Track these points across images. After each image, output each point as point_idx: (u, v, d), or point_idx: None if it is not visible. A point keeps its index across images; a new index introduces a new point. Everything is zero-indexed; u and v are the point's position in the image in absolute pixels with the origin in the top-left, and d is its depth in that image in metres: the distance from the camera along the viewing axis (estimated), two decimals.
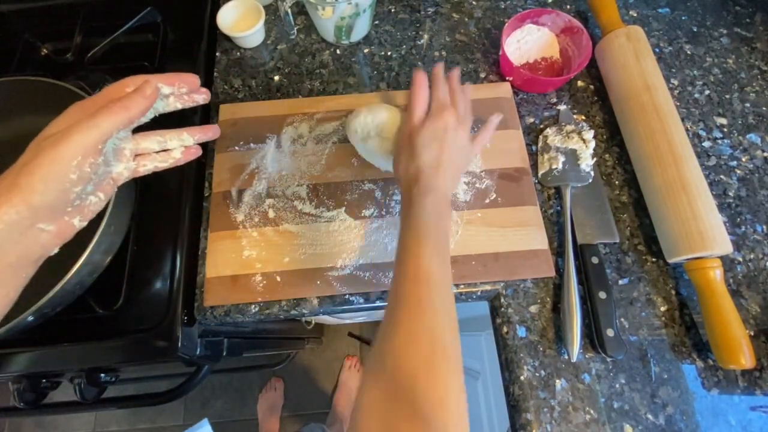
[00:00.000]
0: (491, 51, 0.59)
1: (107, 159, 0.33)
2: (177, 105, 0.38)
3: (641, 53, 0.52)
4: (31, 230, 0.28)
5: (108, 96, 0.32)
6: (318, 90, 0.58)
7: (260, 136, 0.53)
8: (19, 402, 0.48)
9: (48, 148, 0.28)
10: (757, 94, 0.56)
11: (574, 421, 0.42)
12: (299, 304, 0.47)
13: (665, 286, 0.47)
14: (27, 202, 0.27)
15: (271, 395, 1.32)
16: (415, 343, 0.29)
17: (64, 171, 0.28)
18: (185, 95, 0.38)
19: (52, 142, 0.28)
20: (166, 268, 0.48)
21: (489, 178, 0.50)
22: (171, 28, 0.62)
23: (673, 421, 0.42)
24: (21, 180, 0.27)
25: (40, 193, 0.27)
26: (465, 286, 0.47)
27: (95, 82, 0.56)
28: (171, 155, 0.38)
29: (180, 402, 1.36)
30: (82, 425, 1.34)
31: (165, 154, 0.38)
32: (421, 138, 0.40)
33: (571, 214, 0.49)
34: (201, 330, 0.50)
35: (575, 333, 0.43)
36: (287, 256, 0.47)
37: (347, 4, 0.52)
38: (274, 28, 0.62)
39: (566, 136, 0.52)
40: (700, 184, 0.45)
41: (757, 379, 0.43)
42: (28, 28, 0.64)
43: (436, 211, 0.36)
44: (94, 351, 0.46)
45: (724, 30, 0.61)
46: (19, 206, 0.27)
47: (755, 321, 0.45)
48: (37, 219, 0.28)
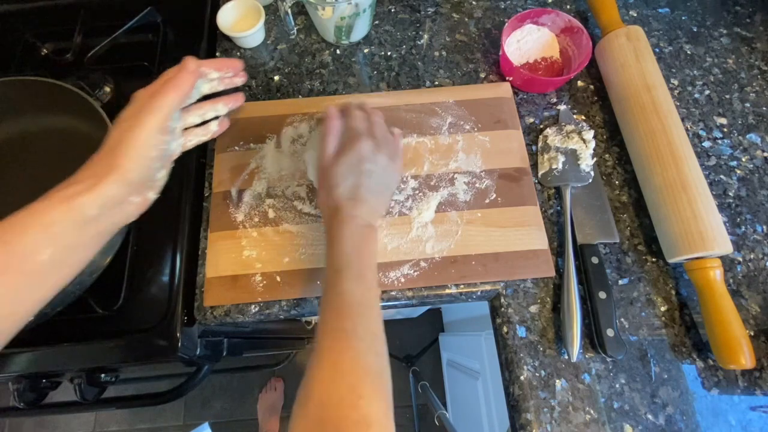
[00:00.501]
0: (491, 51, 0.60)
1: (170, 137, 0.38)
2: (219, 87, 0.44)
3: (641, 53, 0.52)
4: (124, 203, 0.34)
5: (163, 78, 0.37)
6: (318, 90, 0.58)
7: (260, 136, 0.53)
8: (19, 402, 0.48)
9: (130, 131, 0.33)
10: (757, 94, 0.56)
11: (574, 421, 0.42)
12: (299, 304, 0.47)
13: (665, 286, 0.47)
14: (124, 179, 0.32)
15: (271, 395, 1.32)
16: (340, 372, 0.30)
17: (148, 150, 0.34)
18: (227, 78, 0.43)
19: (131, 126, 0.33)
20: (166, 268, 0.48)
21: (489, 178, 0.50)
22: (171, 28, 0.62)
23: (673, 421, 0.42)
24: (117, 161, 0.32)
25: (132, 171, 0.33)
26: (465, 286, 0.47)
27: (95, 82, 0.56)
28: (209, 128, 0.44)
29: (180, 402, 1.36)
30: (82, 425, 1.34)
31: (204, 127, 0.43)
32: (336, 171, 0.41)
33: (571, 214, 0.49)
34: (201, 330, 0.50)
35: (575, 333, 0.43)
36: (287, 256, 0.47)
37: (347, 4, 0.52)
38: (274, 28, 0.62)
39: (566, 136, 0.52)
40: (700, 184, 0.45)
41: (757, 379, 0.43)
42: (28, 28, 0.64)
43: (356, 240, 0.37)
44: (94, 351, 0.46)
45: (724, 30, 0.61)
46: (118, 182, 0.32)
47: (755, 321, 0.45)
48: (129, 193, 0.34)
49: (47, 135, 0.54)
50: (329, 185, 0.41)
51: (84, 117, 0.50)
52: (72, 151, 0.53)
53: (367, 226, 0.39)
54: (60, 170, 0.53)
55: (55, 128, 0.54)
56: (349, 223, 0.38)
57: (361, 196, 0.40)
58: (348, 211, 0.39)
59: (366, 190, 0.40)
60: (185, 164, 0.52)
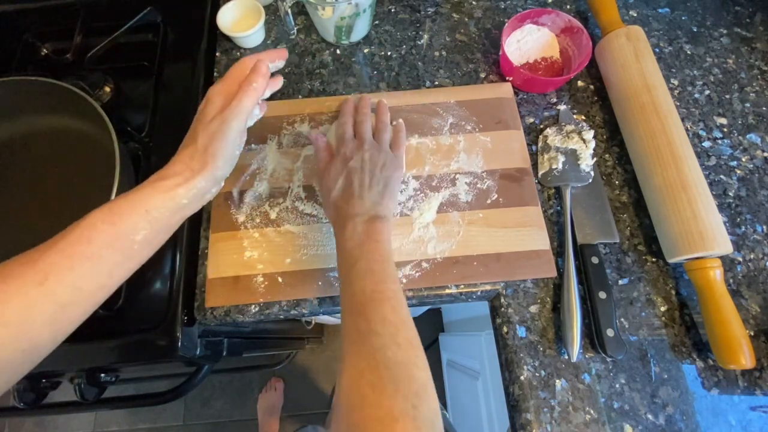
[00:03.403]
0: (491, 51, 0.60)
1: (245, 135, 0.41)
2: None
3: (641, 53, 0.52)
4: (207, 193, 0.38)
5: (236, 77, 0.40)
6: (318, 90, 0.58)
7: (261, 137, 0.53)
8: (19, 402, 0.48)
9: (221, 134, 0.37)
10: (757, 94, 0.56)
11: (574, 421, 0.42)
12: (299, 304, 0.47)
13: (665, 286, 0.47)
14: (213, 176, 0.37)
15: (271, 395, 1.32)
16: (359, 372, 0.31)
17: (233, 150, 0.38)
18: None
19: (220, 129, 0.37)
20: (166, 268, 0.48)
21: (490, 178, 0.50)
22: (171, 28, 0.62)
23: (673, 421, 0.42)
24: (208, 159, 0.36)
25: (220, 168, 0.37)
26: (465, 287, 0.47)
27: (95, 82, 0.56)
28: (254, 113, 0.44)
29: (180, 402, 1.36)
30: (82, 425, 1.34)
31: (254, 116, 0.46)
32: (328, 177, 0.43)
33: (571, 214, 0.49)
34: (201, 330, 0.50)
35: (575, 333, 0.43)
36: (289, 256, 0.47)
37: (347, 4, 0.52)
38: (274, 28, 0.62)
39: (566, 136, 0.52)
40: (700, 184, 0.45)
41: (757, 379, 0.43)
42: (28, 28, 0.63)
43: (359, 237, 0.38)
44: (94, 351, 0.46)
45: (724, 30, 0.61)
46: (208, 178, 0.36)
47: (755, 321, 0.45)
48: (213, 186, 0.38)
49: (47, 135, 0.54)
50: (325, 192, 0.44)
51: (84, 117, 0.50)
52: (72, 151, 0.53)
53: (369, 221, 0.39)
54: (60, 170, 0.53)
55: (55, 128, 0.54)
56: (349, 222, 0.39)
57: (354, 193, 0.41)
58: (345, 211, 0.40)
59: (359, 187, 0.42)
60: None
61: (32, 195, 0.52)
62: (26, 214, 0.51)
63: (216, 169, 0.37)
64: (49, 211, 0.51)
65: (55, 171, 0.53)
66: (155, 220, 0.34)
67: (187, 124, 0.40)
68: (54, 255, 0.30)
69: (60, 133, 0.54)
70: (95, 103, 0.48)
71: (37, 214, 0.51)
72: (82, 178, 0.52)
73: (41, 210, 0.51)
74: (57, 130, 0.54)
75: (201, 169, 0.36)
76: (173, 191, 0.35)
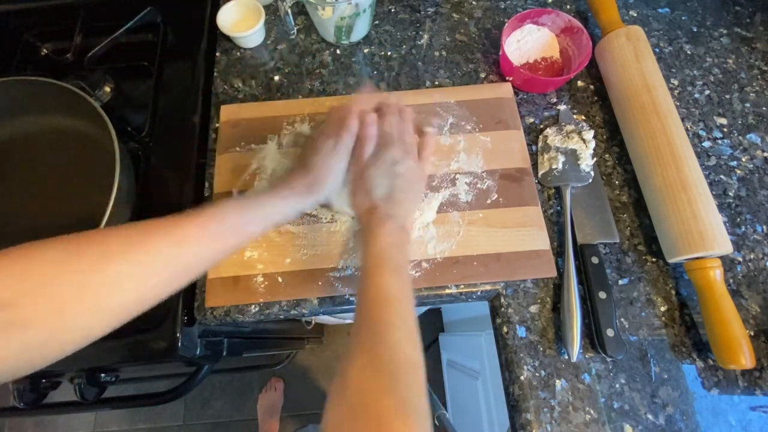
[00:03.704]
0: (491, 51, 0.60)
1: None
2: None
3: (641, 53, 0.52)
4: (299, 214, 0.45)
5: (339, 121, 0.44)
6: (318, 90, 0.58)
7: (261, 137, 0.53)
8: (19, 402, 0.48)
9: (333, 169, 0.43)
10: (757, 94, 0.56)
11: (574, 421, 0.42)
12: (299, 303, 0.47)
13: (665, 286, 0.47)
14: (316, 200, 0.43)
15: (271, 395, 1.32)
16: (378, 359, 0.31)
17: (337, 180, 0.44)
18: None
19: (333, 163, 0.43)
20: None
21: (490, 178, 0.50)
22: (171, 28, 0.62)
23: (673, 421, 0.42)
24: (314, 188, 0.42)
25: (323, 195, 0.43)
26: (465, 287, 0.47)
27: (95, 82, 0.56)
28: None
29: (180, 402, 1.36)
30: (82, 425, 1.34)
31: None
32: (372, 174, 0.44)
33: (571, 214, 0.49)
34: (201, 330, 0.50)
35: (575, 333, 0.43)
36: (289, 257, 0.47)
37: (347, 4, 0.52)
38: (274, 28, 0.62)
39: (566, 136, 0.52)
40: (700, 184, 0.45)
41: (757, 379, 0.43)
42: (28, 28, 0.64)
43: (392, 238, 0.39)
44: (94, 351, 0.45)
45: (724, 30, 0.61)
46: (314, 200, 0.42)
47: (755, 321, 0.45)
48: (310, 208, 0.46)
49: (47, 135, 0.54)
50: (366, 188, 0.43)
51: (84, 117, 0.50)
52: (72, 151, 0.53)
53: (401, 227, 0.41)
54: (60, 170, 0.53)
55: (55, 128, 0.54)
56: (387, 221, 0.40)
57: (395, 195, 0.42)
58: (386, 211, 0.41)
59: (399, 190, 0.43)
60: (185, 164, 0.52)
61: (32, 195, 0.52)
62: (26, 214, 0.51)
63: (321, 196, 0.43)
64: (49, 211, 0.51)
65: (55, 171, 0.53)
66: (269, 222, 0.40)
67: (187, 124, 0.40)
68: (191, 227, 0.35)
69: (60, 133, 0.54)
70: (95, 103, 0.48)
71: (37, 214, 0.51)
72: (82, 178, 0.52)
73: (41, 210, 0.51)
74: (57, 130, 0.54)
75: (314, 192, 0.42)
76: (293, 204, 0.41)
